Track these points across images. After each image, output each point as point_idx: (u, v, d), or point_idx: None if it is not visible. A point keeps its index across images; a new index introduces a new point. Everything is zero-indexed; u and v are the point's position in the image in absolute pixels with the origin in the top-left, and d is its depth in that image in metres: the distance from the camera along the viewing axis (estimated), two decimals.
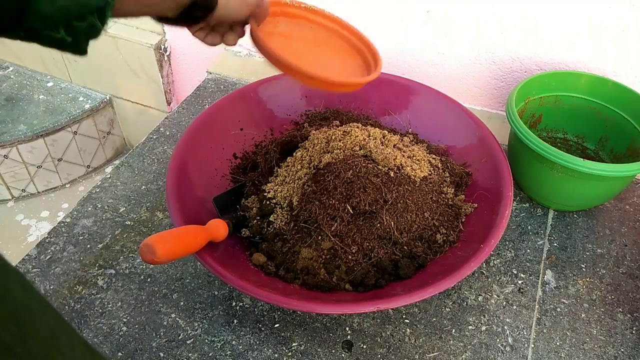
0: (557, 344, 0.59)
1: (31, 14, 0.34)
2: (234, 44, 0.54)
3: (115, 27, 1.12)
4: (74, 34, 0.37)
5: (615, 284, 0.65)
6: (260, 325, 0.60)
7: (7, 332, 0.23)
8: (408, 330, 0.60)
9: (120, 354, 0.57)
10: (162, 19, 0.47)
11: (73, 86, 1.33)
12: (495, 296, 0.63)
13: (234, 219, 0.61)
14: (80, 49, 0.39)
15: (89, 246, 0.67)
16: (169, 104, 1.22)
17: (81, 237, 0.68)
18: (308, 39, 0.58)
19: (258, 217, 0.64)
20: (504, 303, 0.63)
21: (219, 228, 0.57)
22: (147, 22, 1.10)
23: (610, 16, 0.72)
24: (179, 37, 1.11)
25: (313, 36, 0.59)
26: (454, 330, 0.60)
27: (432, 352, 0.58)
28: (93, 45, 0.39)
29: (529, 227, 0.72)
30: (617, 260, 0.68)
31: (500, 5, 0.77)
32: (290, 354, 0.57)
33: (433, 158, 0.69)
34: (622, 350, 0.59)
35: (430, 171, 0.66)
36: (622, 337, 0.60)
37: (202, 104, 0.91)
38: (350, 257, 0.59)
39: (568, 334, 0.60)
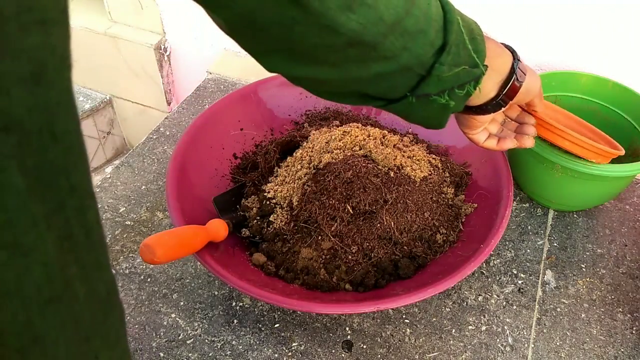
0: (557, 344, 0.59)
1: (431, 78, 0.36)
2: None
3: (116, 27, 1.12)
4: (454, 100, 0.39)
5: (615, 284, 0.65)
6: (260, 325, 0.60)
7: None
8: (408, 330, 0.60)
9: None
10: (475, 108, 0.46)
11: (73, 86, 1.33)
12: (495, 296, 0.63)
13: (234, 219, 0.61)
14: (443, 121, 0.42)
15: None
16: (169, 104, 1.22)
17: None
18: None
19: (258, 217, 0.64)
20: (504, 303, 0.63)
21: (219, 228, 0.57)
22: (146, 22, 1.10)
23: (610, 16, 0.72)
24: (179, 37, 1.11)
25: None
26: (454, 330, 0.60)
27: (432, 352, 0.58)
28: (93, 45, 0.39)
29: (529, 227, 0.72)
30: (617, 260, 0.68)
31: (500, 5, 0.77)
32: (290, 354, 0.57)
33: (433, 158, 0.69)
34: (622, 350, 0.59)
35: (430, 171, 0.66)
36: (622, 337, 0.60)
37: (202, 104, 0.91)
38: (350, 257, 0.59)
39: (568, 334, 0.60)
